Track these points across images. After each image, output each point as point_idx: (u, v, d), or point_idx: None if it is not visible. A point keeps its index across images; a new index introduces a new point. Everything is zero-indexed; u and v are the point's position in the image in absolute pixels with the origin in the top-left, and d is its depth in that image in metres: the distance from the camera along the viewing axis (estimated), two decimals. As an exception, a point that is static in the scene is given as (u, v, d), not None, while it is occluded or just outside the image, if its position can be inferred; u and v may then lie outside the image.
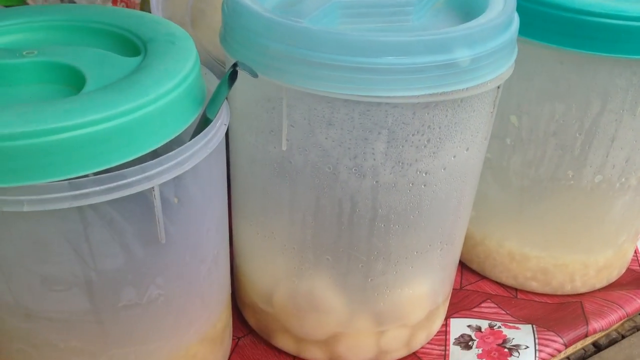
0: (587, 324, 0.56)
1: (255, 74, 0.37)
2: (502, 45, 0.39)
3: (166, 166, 0.33)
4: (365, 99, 0.37)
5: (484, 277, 0.63)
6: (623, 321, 0.59)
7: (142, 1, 0.64)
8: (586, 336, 0.56)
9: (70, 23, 0.41)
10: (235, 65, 0.36)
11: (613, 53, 0.46)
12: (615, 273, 0.62)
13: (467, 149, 0.42)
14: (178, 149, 0.34)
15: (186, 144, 0.34)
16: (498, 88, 0.41)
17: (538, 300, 0.61)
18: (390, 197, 0.42)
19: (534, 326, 0.56)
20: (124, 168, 0.32)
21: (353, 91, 0.36)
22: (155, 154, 0.33)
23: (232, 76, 0.36)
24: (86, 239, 0.33)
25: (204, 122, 0.37)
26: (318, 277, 0.47)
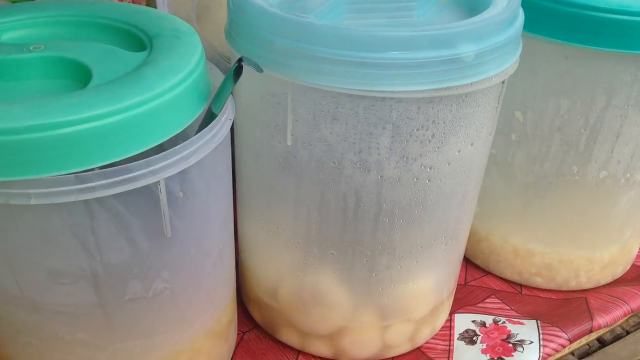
0: (592, 320, 0.56)
1: (260, 69, 0.37)
2: (507, 40, 0.39)
3: (172, 160, 0.33)
4: (369, 94, 0.37)
5: (489, 273, 0.63)
6: (628, 317, 0.59)
7: (148, -3, 0.64)
8: (591, 332, 0.56)
9: (76, 18, 0.41)
10: (240, 60, 0.36)
11: (618, 48, 0.46)
12: (620, 269, 0.62)
13: (472, 144, 0.42)
14: (183, 143, 0.34)
15: (191, 139, 0.35)
16: (503, 83, 0.41)
17: (543, 296, 0.61)
18: (394, 192, 0.42)
19: (539, 321, 0.56)
20: (130, 162, 0.32)
21: (358, 86, 0.37)
22: (160, 148, 0.33)
23: (238, 71, 0.36)
24: (92, 232, 0.34)
25: (210, 117, 0.37)
26: (323, 272, 0.47)
